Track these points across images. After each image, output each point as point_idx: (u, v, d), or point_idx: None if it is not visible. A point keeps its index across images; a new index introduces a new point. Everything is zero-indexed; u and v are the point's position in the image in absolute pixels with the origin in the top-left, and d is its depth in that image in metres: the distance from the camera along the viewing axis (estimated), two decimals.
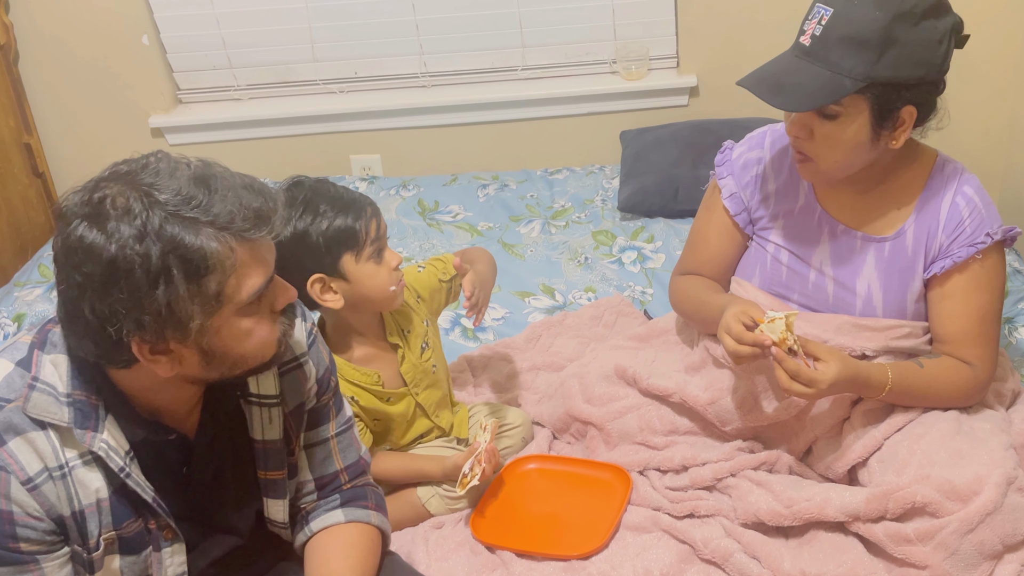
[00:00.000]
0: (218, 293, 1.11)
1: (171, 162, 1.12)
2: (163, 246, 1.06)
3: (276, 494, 1.40)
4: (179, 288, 1.08)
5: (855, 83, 1.49)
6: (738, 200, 1.80)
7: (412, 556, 1.70)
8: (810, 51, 1.53)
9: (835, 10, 1.50)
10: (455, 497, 1.79)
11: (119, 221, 1.06)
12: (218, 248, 1.09)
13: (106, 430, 1.19)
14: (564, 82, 3.11)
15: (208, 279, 1.09)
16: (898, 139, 1.58)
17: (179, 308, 1.09)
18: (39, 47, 3.12)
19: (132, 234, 1.05)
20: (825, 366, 1.54)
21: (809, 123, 1.57)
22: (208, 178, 1.11)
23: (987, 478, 1.49)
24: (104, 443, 1.18)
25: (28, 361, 1.18)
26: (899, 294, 1.68)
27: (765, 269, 1.78)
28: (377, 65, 3.15)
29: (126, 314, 1.08)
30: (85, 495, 1.20)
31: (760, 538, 1.61)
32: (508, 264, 2.63)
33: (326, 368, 1.40)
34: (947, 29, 1.51)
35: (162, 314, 1.08)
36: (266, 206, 1.14)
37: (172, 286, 1.07)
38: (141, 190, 1.08)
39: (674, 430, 1.79)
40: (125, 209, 1.06)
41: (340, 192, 1.71)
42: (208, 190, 1.10)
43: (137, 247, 1.05)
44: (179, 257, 1.07)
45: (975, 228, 1.62)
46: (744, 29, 2.88)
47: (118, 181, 1.10)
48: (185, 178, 1.10)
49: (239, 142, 3.24)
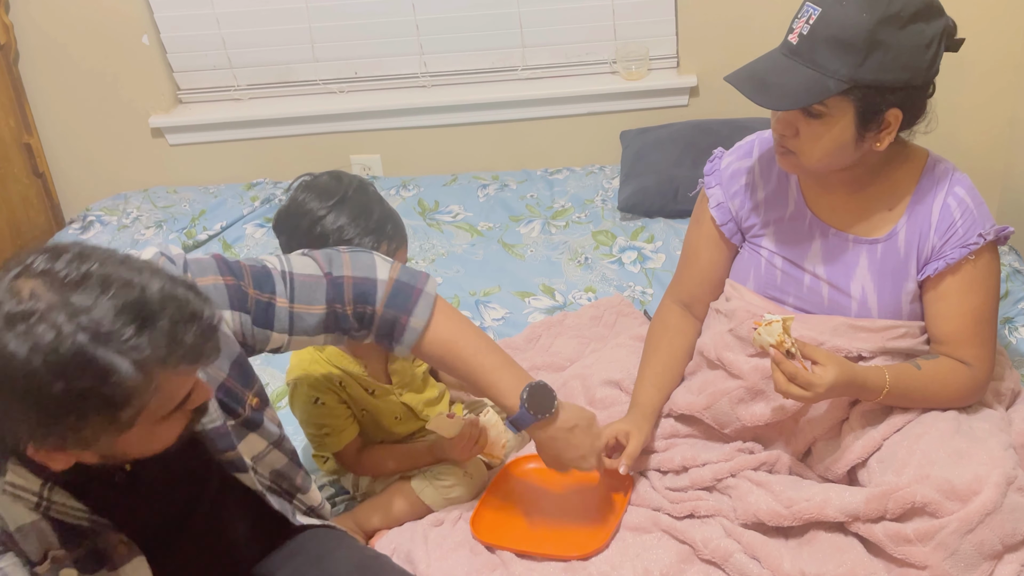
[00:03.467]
0: (131, 420, 1.07)
1: (102, 278, 1.03)
2: (82, 382, 1.01)
3: (238, 469, 1.38)
4: (90, 419, 1.04)
5: (839, 84, 1.49)
6: (725, 210, 1.80)
7: (412, 556, 1.70)
8: (797, 50, 1.53)
9: (823, 10, 1.50)
10: (448, 486, 1.79)
11: (43, 346, 0.99)
12: (140, 383, 1.03)
13: (9, 471, 1.14)
14: (564, 82, 3.11)
15: (124, 411, 1.05)
16: (882, 141, 1.58)
17: (87, 434, 1.05)
18: (39, 47, 3.12)
19: (53, 364, 0.99)
20: (823, 369, 1.54)
21: (794, 121, 1.58)
22: (142, 306, 1.03)
23: (987, 478, 1.49)
24: (9, 485, 1.14)
25: None
26: (893, 295, 1.68)
27: (760, 273, 1.78)
28: (377, 65, 3.15)
29: (26, 430, 1.04)
30: (13, 519, 1.16)
31: (760, 538, 1.61)
32: (508, 264, 2.63)
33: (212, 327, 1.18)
34: (936, 33, 1.51)
35: (66, 436, 1.05)
36: (200, 341, 1.08)
37: (84, 417, 1.03)
38: (70, 312, 1.01)
39: (674, 433, 1.79)
40: (51, 333, 0.99)
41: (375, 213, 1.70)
42: (141, 323, 1.03)
43: (55, 381, 1.00)
44: (97, 394, 1.02)
45: (967, 229, 1.62)
46: (744, 29, 2.88)
47: (48, 287, 1.02)
48: (119, 304, 1.02)
49: (239, 142, 3.24)
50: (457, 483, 1.80)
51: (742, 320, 1.73)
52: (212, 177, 3.27)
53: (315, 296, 1.44)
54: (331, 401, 1.75)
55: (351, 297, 1.47)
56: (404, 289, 1.49)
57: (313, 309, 1.44)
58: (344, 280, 1.47)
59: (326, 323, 1.47)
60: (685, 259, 1.91)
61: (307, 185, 1.73)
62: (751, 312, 1.73)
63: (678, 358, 1.85)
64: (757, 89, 1.54)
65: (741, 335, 1.74)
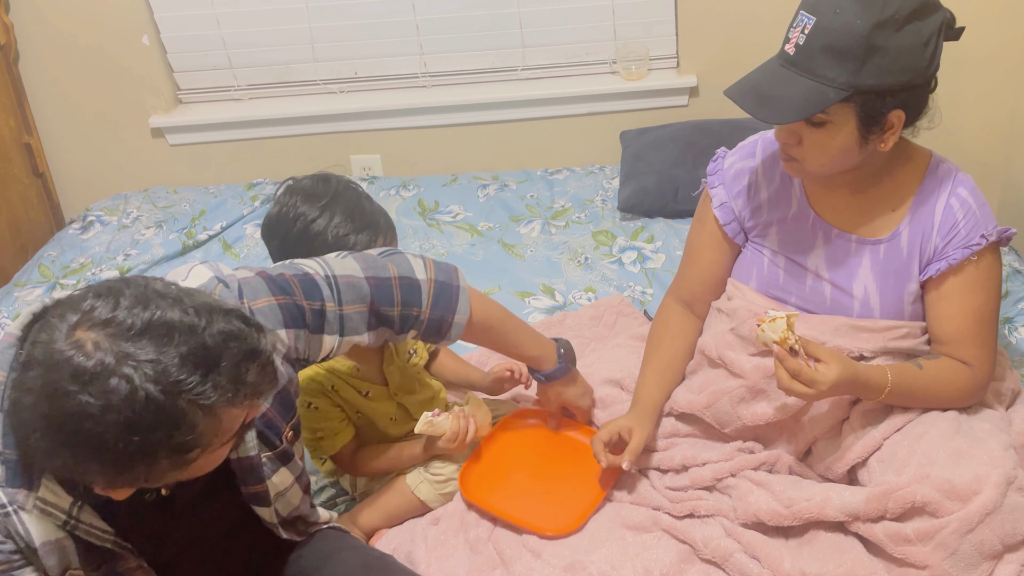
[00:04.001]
0: (197, 456, 1.08)
1: (165, 326, 1.04)
2: (157, 434, 1.02)
3: (261, 503, 1.39)
4: (162, 464, 1.06)
5: (839, 93, 1.49)
6: (728, 210, 1.80)
7: (412, 556, 1.70)
8: (794, 60, 1.52)
9: (817, 19, 1.48)
10: (443, 480, 1.80)
11: (117, 403, 1.00)
12: (207, 425, 1.05)
13: (43, 487, 1.15)
14: (564, 82, 3.11)
15: (192, 453, 1.07)
16: (887, 142, 1.58)
17: (155, 475, 1.07)
18: (39, 47, 3.12)
19: (129, 420, 1.00)
20: (826, 367, 1.54)
21: (797, 130, 1.57)
22: (205, 351, 1.04)
23: (987, 478, 1.49)
24: (40, 501, 1.14)
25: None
26: (895, 295, 1.68)
27: (762, 273, 1.78)
28: (377, 65, 3.15)
29: (100, 476, 1.06)
30: (40, 534, 1.16)
31: (760, 538, 1.61)
32: (508, 264, 2.63)
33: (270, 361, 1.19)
34: (934, 29, 1.50)
35: (137, 480, 1.07)
36: (261, 377, 1.09)
37: (155, 463, 1.05)
38: (136, 364, 1.01)
39: (675, 433, 1.80)
40: (124, 389, 1.00)
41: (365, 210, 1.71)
42: (205, 369, 1.04)
43: (131, 436, 1.01)
44: (169, 444, 1.04)
45: (969, 230, 1.62)
46: (744, 29, 2.88)
47: (112, 339, 1.02)
48: (184, 351, 1.03)
49: (239, 142, 3.24)
50: (451, 477, 1.80)
51: (744, 319, 1.73)
52: (212, 177, 3.27)
53: (359, 296, 1.47)
54: (324, 405, 1.76)
55: (400, 299, 1.51)
56: (445, 289, 1.57)
57: (359, 308, 1.47)
58: (392, 282, 1.50)
59: (369, 322, 1.49)
60: (687, 258, 1.91)
61: (293, 189, 1.72)
62: (753, 311, 1.73)
63: (679, 357, 1.85)
64: (757, 103, 1.54)
65: (743, 334, 1.74)
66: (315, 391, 1.75)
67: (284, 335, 1.36)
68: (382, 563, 1.51)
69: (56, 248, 2.97)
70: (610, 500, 1.75)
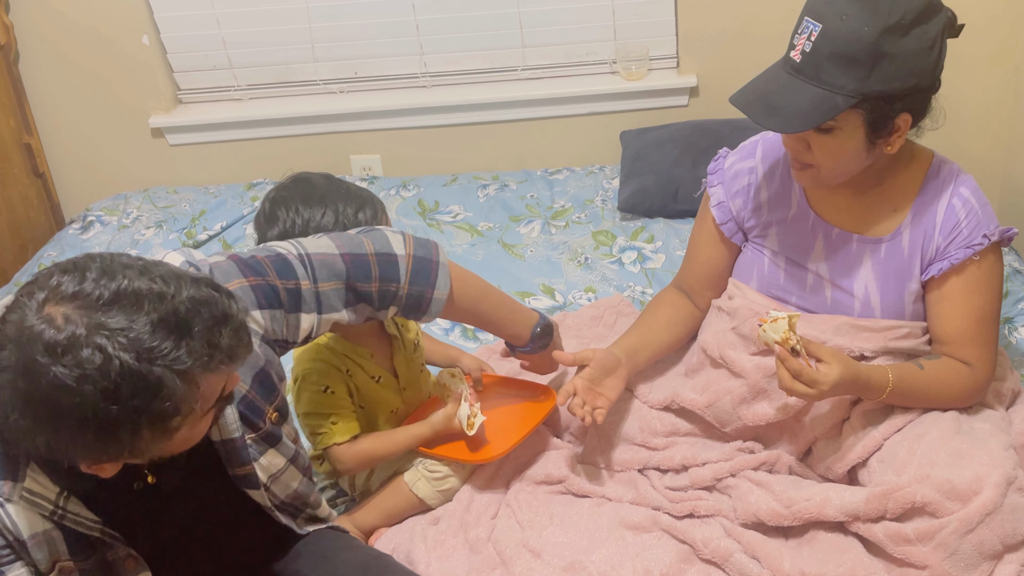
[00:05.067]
0: (180, 424, 1.09)
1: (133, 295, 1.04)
2: (135, 401, 1.03)
3: (250, 485, 1.38)
4: (144, 433, 1.06)
5: (847, 100, 1.49)
6: (725, 209, 1.80)
7: (411, 556, 1.70)
8: (800, 68, 1.51)
9: (824, 26, 1.48)
10: (440, 477, 1.80)
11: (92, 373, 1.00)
12: (187, 392, 1.06)
13: (28, 477, 1.15)
14: (564, 82, 3.11)
15: (174, 420, 1.07)
16: (893, 145, 1.58)
17: (140, 446, 1.07)
18: (39, 47, 3.12)
19: (105, 389, 1.01)
20: (827, 367, 1.54)
21: (806, 138, 1.57)
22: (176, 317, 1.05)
23: (987, 478, 1.49)
24: (27, 491, 1.15)
25: None
26: (896, 295, 1.68)
27: (763, 272, 1.78)
28: (377, 65, 3.15)
29: (83, 451, 1.06)
30: (27, 527, 1.16)
31: (760, 538, 1.61)
32: (508, 264, 2.63)
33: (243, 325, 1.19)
34: (938, 31, 1.50)
35: (122, 453, 1.07)
36: (235, 341, 1.10)
37: (138, 432, 1.05)
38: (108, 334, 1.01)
39: (675, 432, 1.79)
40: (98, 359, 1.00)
41: (353, 193, 1.72)
42: (178, 334, 1.04)
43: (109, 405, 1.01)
44: (149, 410, 1.04)
45: (972, 230, 1.62)
46: (744, 29, 2.88)
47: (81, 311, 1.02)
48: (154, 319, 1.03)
49: (239, 142, 3.24)
50: (449, 474, 1.80)
51: (745, 318, 1.74)
52: (212, 177, 3.27)
53: (335, 273, 1.46)
54: (340, 390, 1.75)
55: (378, 275, 1.50)
56: (424, 264, 1.55)
57: (335, 285, 1.46)
58: (368, 258, 1.49)
59: (346, 299, 1.48)
60: (688, 253, 1.92)
61: (282, 202, 1.70)
62: (754, 311, 1.73)
63: (668, 326, 1.87)
64: (766, 113, 1.53)
65: (744, 333, 1.74)
66: (332, 376, 1.75)
67: (259, 316, 1.36)
68: (381, 563, 1.51)
69: (56, 248, 2.97)
70: (609, 499, 1.75)
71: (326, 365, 1.74)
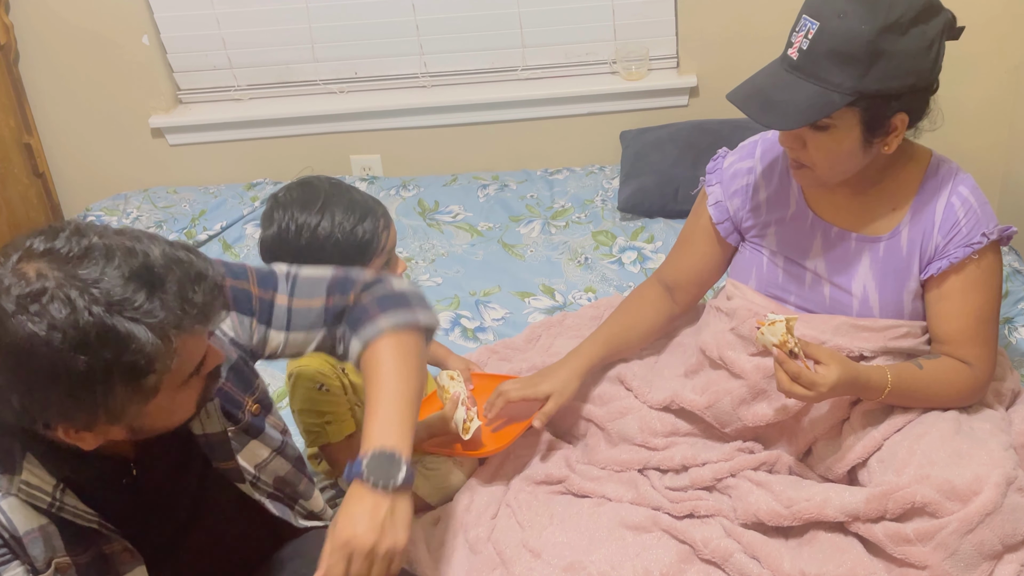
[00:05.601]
0: (155, 386, 1.08)
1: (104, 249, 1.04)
2: (105, 353, 1.02)
3: (237, 479, 1.38)
4: (117, 390, 1.05)
5: (844, 98, 1.48)
6: (723, 209, 1.81)
7: (412, 555, 1.70)
8: (798, 65, 1.51)
9: (821, 23, 1.48)
10: (441, 476, 1.80)
11: (58, 324, 1.00)
12: (160, 347, 1.04)
13: (25, 470, 1.15)
14: (564, 82, 3.11)
15: (148, 378, 1.06)
16: (890, 145, 1.58)
17: (115, 405, 1.07)
18: (39, 47, 3.12)
19: (74, 339, 1.00)
20: (826, 369, 1.54)
21: (802, 135, 1.57)
22: (150, 271, 1.05)
23: (987, 478, 1.49)
24: (24, 484, 1.15)
25: None
26: (895, 294, 1.68)
27: (761, 272, 1.78)
28: (377, 65, 3.15)
29: (57, 409, 1.05)
30: (23, 522, 1.16)
31: (760, 538, 1.61)
32: (508, 264, 2.63)
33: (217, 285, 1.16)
34: (937, 32, 1.50)
35: (96, 411, 1.06)
36: (209, 299, 1.09)
37: (111, 389, 1.05)
38: (80, 286, 1.02)
39: (675, 431, 1.79)
40: (66, 309, 1.00)
41: (356, 199, 1.69)
42: (151, 287, 1.04)
43: (78, 356, 1.01)
44: (120, 364, 1.03)
45: (971, 228, 1.62)
46: (744, 29, 2.88)
47: (53, 265, 1.03)
48: (126, 272, 1.04)
49: (239, 142, 3.24)
50: (450, 472, 1.80)
51: (744, 319, 1.74)
52: (212, 177, 3.27)
53: (316, 291, 1.41)
54: (335, 388, 1.75)
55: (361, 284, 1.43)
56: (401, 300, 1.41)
57: (313, 303, 1.41)
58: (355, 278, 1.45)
59: (324, 316, 1.41)
60: (678, 247, 1.92)
61: (282, 203, 1.69)
62: (753, 311, 1.73)
63: (640, 326, 1.88)
64: (762, 109, 1.53)
65: (743, 334, 1.74)
66: (327, 373, 1.75)
67: (229, 320, 1.34)
68: None
69: None
70: (609, 499, 1.75)
71: (321, 362, 1.74)
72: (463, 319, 2.40)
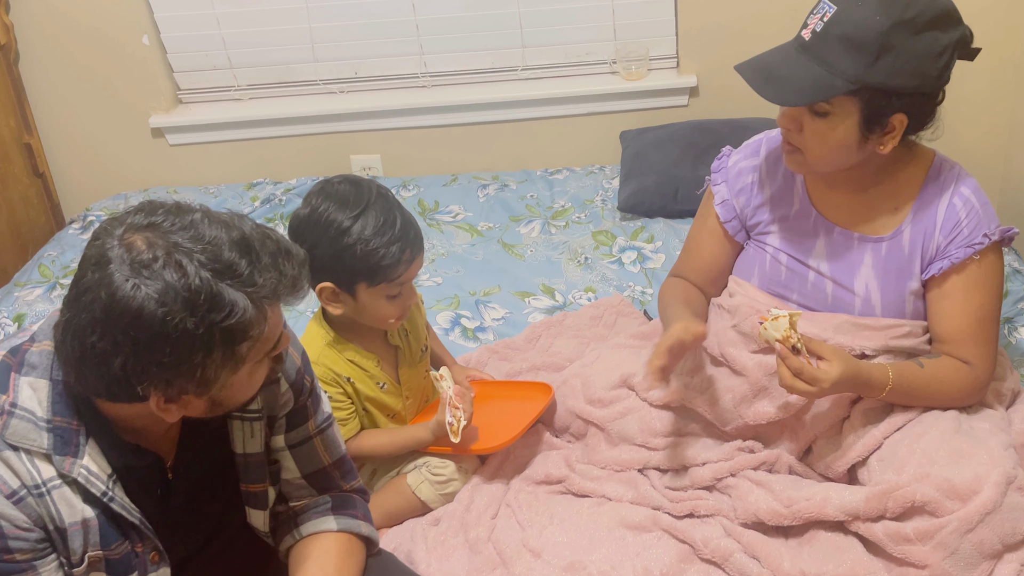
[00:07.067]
0: (245, 355, 1.12)
1: (206, 222, 1.11)
2: (211, 317, 1.07)
3: (258, 505, 1.40)
4: (216, 355, 1.09)
5: (846, 84, 1.49)
6: (729, 207, 1.81)
7: (412, 556, 1.70)
8: (808, 46, 1.53)
9: (838, 8, 1.50)
10: (443, 480, 1.80)
11: (171, 287, 1.05)
12: (256, 316, 1.10)
13: (87, 455, 1.18)
14: (564, 82, 3.11)
15: (242, 346, 1.11)
16: (886, 145, 1.58)
17: (210, 372, 1.10)
18: (39, 47, 3.12)
19: (185, 301, 1.05)
20: (828, 365, 1.54)
21: (799, 117, 1.58)
22: (248, 243, 1.11)
23: (987, 477, 1.49)
24: (84, 469, 1.17)
25: (4, 384, 1.16)
26: (897, 293, 1.68)
27: (764, 269, 1.78)
28: (377, 65, 3.15)
29: (158, 373, 1.08)
30: (69, 514, 1.19)
31: (760, 538, 1.61)
32: (508, 264, 2.63)
33: (298, 370, 1.38)
34: (951, 43, 1.50)
35: (194, 377, 1.10)
36: (298, 273, 1.15)
37: (211, 354, 1.09)
38: (188, 252, 1.07)
39: (675, 431, 1.79)
40: (178, 273, 1.06)
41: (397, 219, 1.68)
42: (250, 257, 1.10)
43: (188, 317, 1.05)
44: (223, 328, 1.08)
45: (972, 229, 1.62)
46: (744, 29, 2.88)
47: (158, 235, 1.09)
48: (228, 241, 1.10)
49: (239, 142, 3.24)
50: (452, 478, 1.81)
51: (746, 316, 1.74)
52: (212, 177, 3.27)
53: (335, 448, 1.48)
54: (335, 393, 1.76)
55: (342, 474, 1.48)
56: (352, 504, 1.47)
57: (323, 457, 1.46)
58: None
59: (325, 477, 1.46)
60: (688, 251, 1.92)
61: (326, 192, 1.68)
62: (755, 308, 1.73)
63: (696, 298, 1.86)
64: (764, 81, 1.55)
65: (744, 331, 1.74)
66: (328, 379, 1.75)
67: None
68: (382, 562, 1.51)
69: (56, 248, 2.97)
70: (609, 499, 1.75)
71: (326, 369, 1.74)
72: (463, 319, 2.40)
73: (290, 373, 1.37)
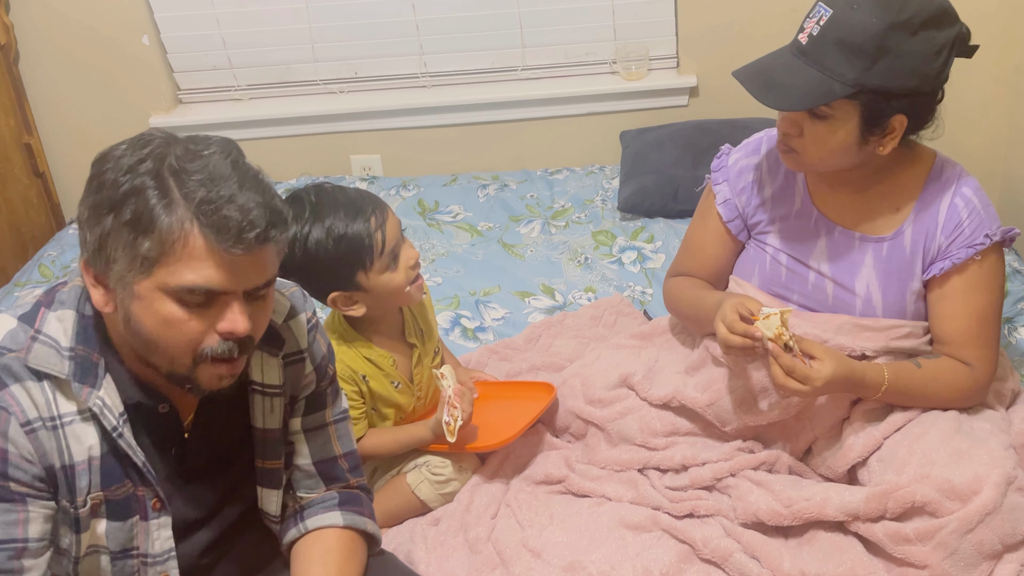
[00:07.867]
0: (146, 259, 1.12)
1: (226, 152, 1.22)
2: (133, 188, 1.11)
3: (272, 484, 1.40)
4: (120, 230, 1.12)
5: (845, 88, 1.49)
6: (732, 207, 1.80)
7: (412, 555, 1.70)
8: (805, 50, 1.53)
9: (834, 12, 1.49)
10: (443, 480, 1.80)
11: (132, 150, 1.15)
12: (171, 227, 1.11)
13: (103, 387, 1.21)
14: (564, 82, 3.11)
15: (142, 240, 1.11)
16: (885, 146, 1.58)
17: (109, 245, 1.13)
18: (39, 47, 3.12)
19: (127, 164, 1.13)
20: (820, 364, 1.54)
21: (799, 121, 1.58)
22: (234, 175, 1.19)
23: (986, 478, 1.49)
24: (100, 400, 1.20)
25: (32, 317, 1.21)
26: (898, 294, 1.68)
27: (764, 269, 1.78)
28: (377, 65, 3.15)
29: (84, 224, 1.15)
30: (77, 451, 1.21)
31: (760, 538, 1.61)
32: (508, 264, 2.63)
33: (323, 356, 1.41)
34: (948, 41, 1.50)
35: (97, 242, 1.13)
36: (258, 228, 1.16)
37: (116, 222, 1.11)
38: (171, 150, 1.15)
39: (675, 431, 1.79)
40: (142, 145, 1.15)
41: (344, 202, 1.68)
42: (223, 183, 1.16)
43: (120, 176, 1.12)
44: (134, 207, 1.11)
45: (974, 229, 1.62)
46: (744, 29, 2.88)
47: (170, 137, 1.18)
48: (217, 166, 1.17)
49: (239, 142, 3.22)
50: (452, 477, 1.81)
51: None
52: None
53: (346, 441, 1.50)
54: (350, 391, 1.76)
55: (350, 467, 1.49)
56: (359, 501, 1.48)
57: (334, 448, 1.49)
58: None
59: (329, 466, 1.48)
60: (686, 250, 1.91)
61: None
62: None
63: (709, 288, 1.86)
64: (763, 87, 1.54)
65: None
66: (347, 376, 1.75)
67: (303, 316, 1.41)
68: (383, 562, 1.51)
69: (56, 248, 2.97)
70: (609, 499, 1.75)
71: (343, 367, 1.75)
72: (463, 319, 2.40)
73: (316, 356, 1.39)
